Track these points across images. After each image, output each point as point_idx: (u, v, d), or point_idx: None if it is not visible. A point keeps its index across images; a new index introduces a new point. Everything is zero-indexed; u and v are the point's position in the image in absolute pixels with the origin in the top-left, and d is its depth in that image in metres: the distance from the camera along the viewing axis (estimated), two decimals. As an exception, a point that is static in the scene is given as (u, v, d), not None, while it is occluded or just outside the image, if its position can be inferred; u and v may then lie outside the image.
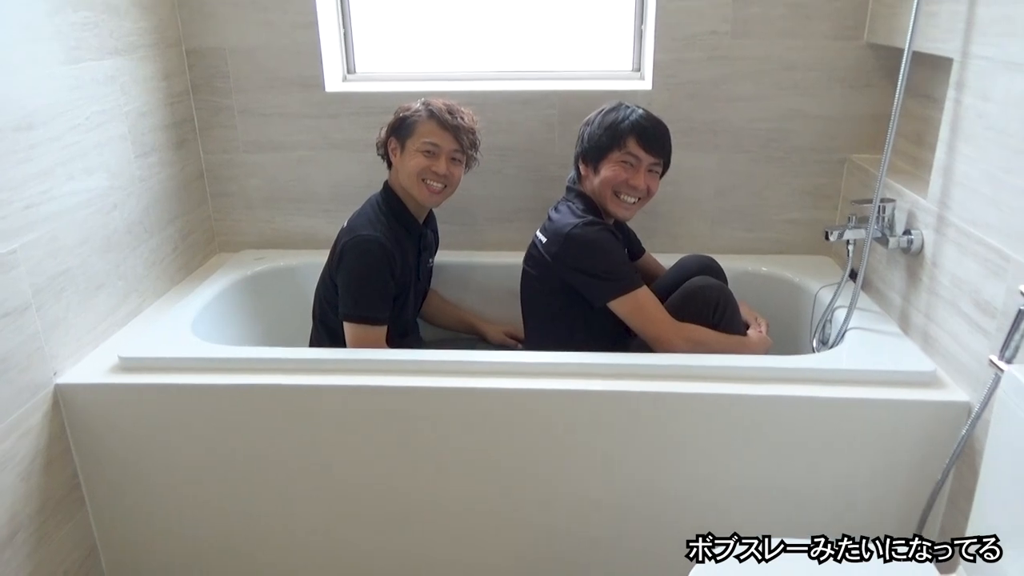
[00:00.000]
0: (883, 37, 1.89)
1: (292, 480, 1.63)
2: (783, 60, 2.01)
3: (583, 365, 1.57)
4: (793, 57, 2.01)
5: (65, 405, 1.58)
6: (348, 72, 2.26)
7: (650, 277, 2.01)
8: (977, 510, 1.18)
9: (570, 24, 2.19)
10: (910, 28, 1.54)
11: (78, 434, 1.61)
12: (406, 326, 1.87)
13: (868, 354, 1.61)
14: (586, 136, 1.77)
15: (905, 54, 1.57)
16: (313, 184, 2.22)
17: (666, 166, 1.79)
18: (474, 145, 1.84)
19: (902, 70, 1.58)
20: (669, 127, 2.08)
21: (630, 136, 1.71)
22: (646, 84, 2.10)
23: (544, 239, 1.75)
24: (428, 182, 1.77)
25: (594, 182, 1.76)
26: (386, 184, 1.85)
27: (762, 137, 2.09)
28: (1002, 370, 1.16)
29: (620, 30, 2.17)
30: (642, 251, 2.05)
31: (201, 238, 2.22)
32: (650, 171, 1.74)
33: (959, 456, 1.40)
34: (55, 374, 1.57)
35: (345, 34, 2.21)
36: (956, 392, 1.47)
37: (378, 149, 1.86)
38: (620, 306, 1.66)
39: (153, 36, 1.94)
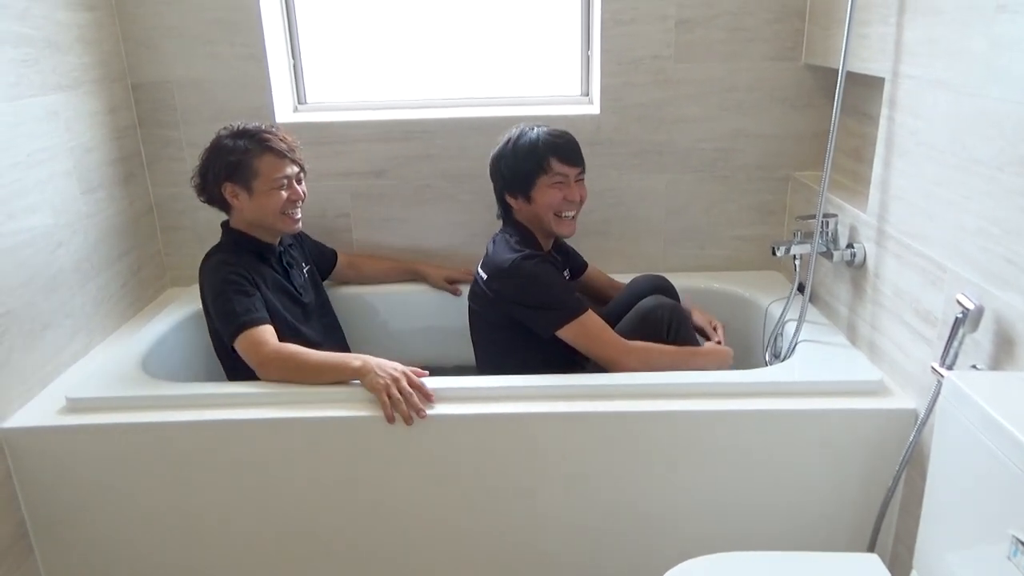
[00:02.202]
0: (820, 58, 1.96)
1: (252, 519, 1.60)
2: (725, 82, 2.07)
3: (538, 388, 1.58)
4: (735, 79, 2.07)
5: (10, 450, 1.53)
6: (299, 103, 2.26)
7: (596, 290, 2.06)
8: (927, 515, 1.20)
9: (520, 51, 2.22)
10: (843, 49, 1.60)
11: (24, 480, 1.56)
12: (315, 346, 1.75)
13: (818, 365, 1.65)
14: (504, 169, 1.77)
15: (840, 74, 1.63)
16: (265, 215, 2.20)
17: (584, 168, 1.82)
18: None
19: (838, 89, 1.63)
20: (618, 150, 2.13)
21: (550, 157, 1.74)
22: (594, 108, 2.14)
23: (485, 275, 1.76)
24: (290, 212, 1.74)
25: (530, 211, 1.78)
26: (227, 229, 1.78)
27: (708, 157, 2.14)
28: (943, 376, 1.20)
29: (568, 56, 2.21)
30: (584, 266, 2.07)
31: (151, 273, 2.18)
32: (578, 180, 1.79)
33: (909, 463, 1.43)
34: (-2, 418, 1.52)
35: (294, 65, 2.22)
36: (903, 399, 1.52)
37: (201, 195, 1.75)
38: (567, 333, 1.67)
39: (97, 71, 1.92)
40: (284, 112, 2.16)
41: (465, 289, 2.15)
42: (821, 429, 1.51)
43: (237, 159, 1.68)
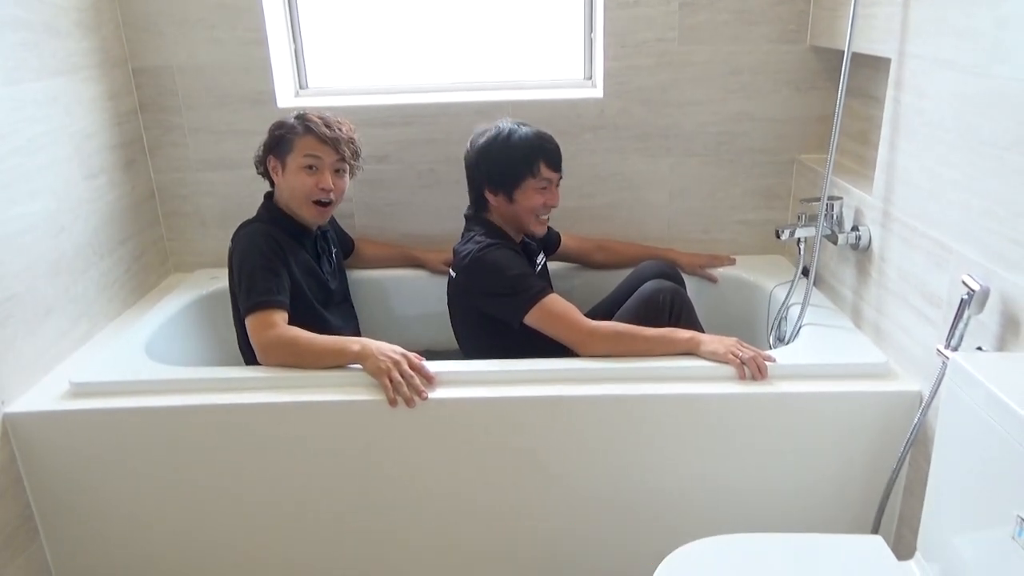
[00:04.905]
0: (825, 40, 1.94)
1: (255, 502, 1.60)
2: (730, 64, 2.05)
3: (541, 372, 1.57)
4: (739, 61, 2.05)
5: (14, 434, 1.54)
6: (300, 87, 2.25)
7: (577, 254, 2.11)
8: (931, 496, 1.20)
9: (522, 34, 2.21)
10: (849, 30, 1.59)
11: (29, 463, 1.56)
12: (336, 331, 1.76)
13: (823, 349, 1.65)
14: (491, 166, 1.75)
15: (845, 55, 1.61)
16: (268, 201, 2.20)
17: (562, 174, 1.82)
18: (356, 154, 1.80)
19: (843, 71, 1.62)
20: (622, 133, 2.12)
21: (539, 161, 1.73)
22: (598, 92, 2.12)
23: (454, 274, 1.77)
24: (315, 201, 1.74)
25: (509, 210, 1.77)
26: (271, 201, 1.80)
27: (713, 140, 2.13)
28: (948, 358, 1.19)
29: (571, 39, 2.19)
30: (558, 237, 2.08)
31: (154, 259, 2.18)
32: (557, 185, 1.79)
33: (913, 444, 1.43)
34: (2, 403, 1.52)
35: (296, 49, 2.20)
36: (908, 382, 1.51)
37: (257, 167, 1.80)
38: (532, 318, 1.64)
39: (97, 56, 1.91)
40: (286, 97, 2.15)
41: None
42: (826, 412, 1.51)
43: (282, 134, 1.74)
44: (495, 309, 1.70)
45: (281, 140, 1.73)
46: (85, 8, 1.86)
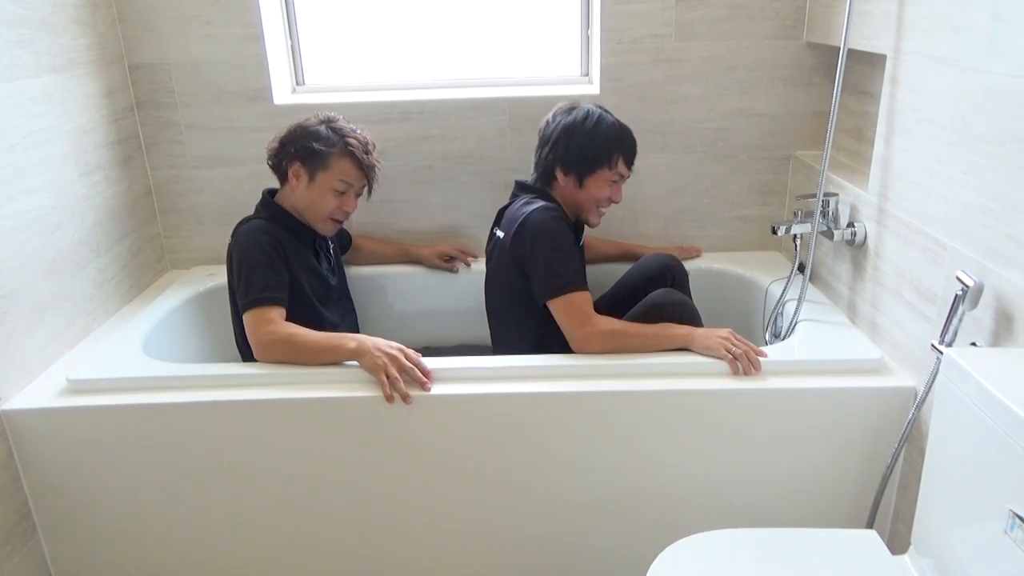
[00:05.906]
0: (821, 36, 1.94)
1: (253, 499, 1.61)
2: (726, 61, 2.06)
3: (536, 368, 1.58)
4: (736, 58, 2.05)
5: (12, 431, 1.54)
6: (297, 84, 2.25)
7: (593, 250, 2.09)
8: (925, 491, 1.21)
9: (519, 31, 2.21)
10: (845, 26, 1.59)
11: (27, 460, 1.57)
12: (334, 328, 1.79)
13: (818, 344, 1.65)
14: (573, 146, 1.73)
15: (841, 52, 1.61)
16: (265, 197, 2.20)
17: None
18: (376, 177, 1.82)
19: (839, 67, 1.62)
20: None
21: (619, 155, 1.74)
22: (594, 88, 2.13)
23: (502, 233, 1.76)
24: (335, 218, 1.77)
25: (575, 194, 1.77)
26: (272, 200, 1.78)
27: (709, 137, 2.13)
28: (942, 353, 1.20)
29: (568, 36, 2.19)
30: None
31: (151, 256, 2.18)
32: (624, 181, 1.81)
33: (907, 440, 1.44)
34: (0, 400, 1.53)
35: (293, 46, 2.20)
36: (902, 377, 1.52)
37: (270, 158, 1.77)
38: (556, 304, 1.64)
39: (93, 52, 1.90)
40: (282, 93, 2.15)
41: (462, 268, 2.16)
42: (821, 408, 1.52)
43: (319, 149, 1.71)
44: (532, 274, 1.68)
45: (316, 154, 1.71)
46: (81, 4, 1.85)
